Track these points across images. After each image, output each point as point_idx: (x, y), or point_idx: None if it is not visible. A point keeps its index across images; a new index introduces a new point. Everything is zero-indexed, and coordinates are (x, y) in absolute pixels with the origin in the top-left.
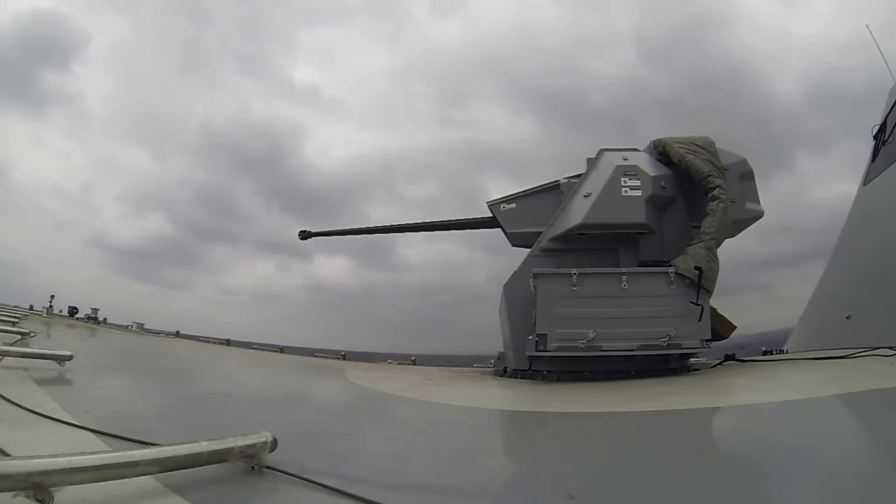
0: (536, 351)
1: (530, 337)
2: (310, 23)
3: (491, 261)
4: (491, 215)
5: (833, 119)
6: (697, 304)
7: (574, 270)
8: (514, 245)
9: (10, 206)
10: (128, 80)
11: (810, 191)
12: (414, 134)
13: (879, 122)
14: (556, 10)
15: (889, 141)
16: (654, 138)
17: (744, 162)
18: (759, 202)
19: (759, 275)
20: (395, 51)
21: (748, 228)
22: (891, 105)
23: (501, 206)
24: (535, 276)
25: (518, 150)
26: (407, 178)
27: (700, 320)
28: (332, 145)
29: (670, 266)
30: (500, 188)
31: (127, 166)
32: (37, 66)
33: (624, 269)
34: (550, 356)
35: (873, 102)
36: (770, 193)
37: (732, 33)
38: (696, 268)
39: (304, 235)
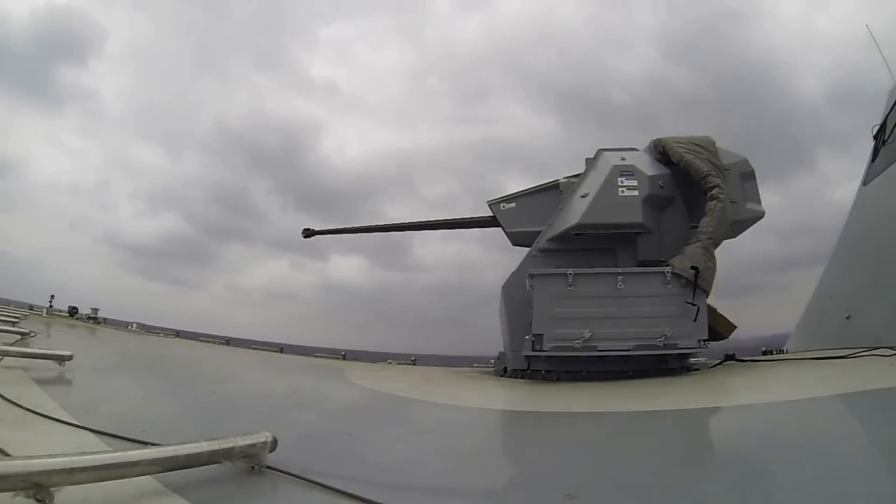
0: (533, 351)
1: (527, 337)
2: (329, 17)
3: (508, 261)
4: (491, 214)
5: (856, 118)
6: (693, 304)
7: (570, 270)
8: (514, 244)
9: (27, 204)
10: (144, 76)
11: (832, 191)
12: (433, 131)
13: (879, 122)
14: (577, 6)
15: (889, 141)
16: (654, 138)
17: (745, 162)
18: (760, 202)
19: (776, 276)
20: (416, 47)
21: (763, 230)
22: (891, 105)
23: (501, 205)
24: (532, 276)
25: (537, 147)
26: (425, 176)
27: (696, 320)
28: (350, 143)
29: (667, 266)
30: (519, 186)
31: (142, 164)
32: (53, 62)
33: (620, 269)
34: (548, 356)
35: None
36: (790, 193)
37: (756, 29)
38: (692, 268)
39: (308, 233)
